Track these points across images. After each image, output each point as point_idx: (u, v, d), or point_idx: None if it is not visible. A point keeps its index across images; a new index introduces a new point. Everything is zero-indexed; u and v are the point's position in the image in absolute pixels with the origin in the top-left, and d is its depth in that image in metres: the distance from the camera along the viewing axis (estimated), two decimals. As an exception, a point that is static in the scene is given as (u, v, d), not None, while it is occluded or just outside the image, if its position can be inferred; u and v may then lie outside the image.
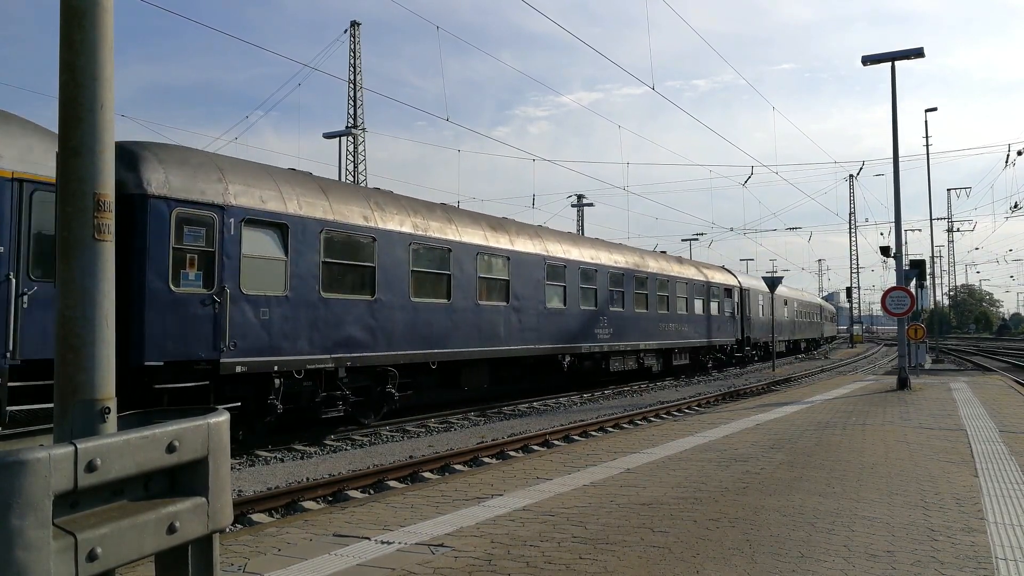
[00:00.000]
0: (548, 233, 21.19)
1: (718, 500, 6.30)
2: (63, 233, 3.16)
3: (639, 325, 24.68)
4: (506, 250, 17.89)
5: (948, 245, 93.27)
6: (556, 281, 19.97)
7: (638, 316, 24.65)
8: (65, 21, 3.18)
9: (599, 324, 22.03)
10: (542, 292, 19.15)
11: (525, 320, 18.35)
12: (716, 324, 31.63)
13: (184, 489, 3.16)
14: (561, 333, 19.96)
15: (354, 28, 42.67)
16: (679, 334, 27.80)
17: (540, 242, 19.71)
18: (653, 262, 26.75)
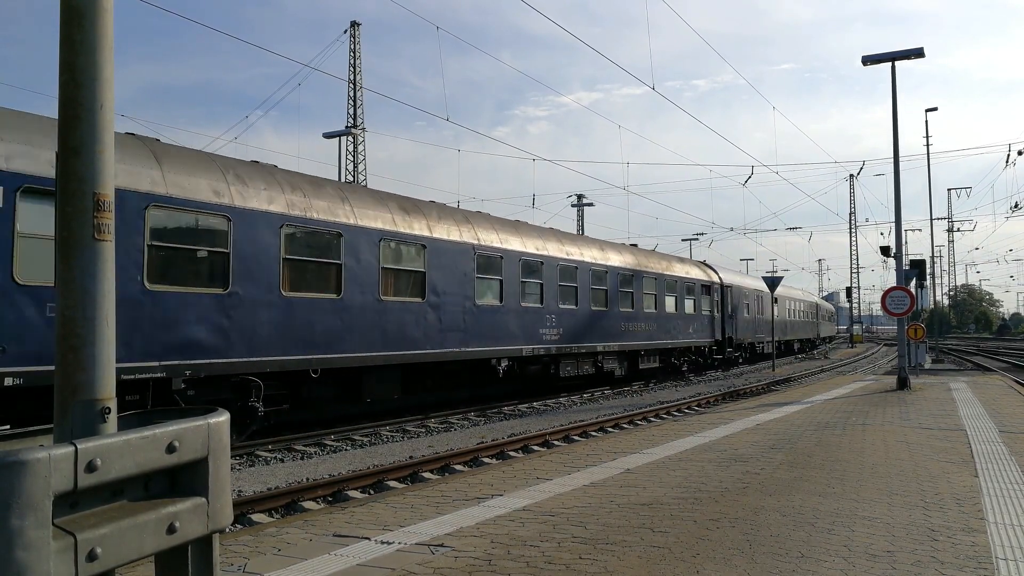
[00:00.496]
0: (481, 220, 18.40)
1: (718, 500, 6.30)
2: (63, 233, 3.15)
3: (597, 325, 22.01)
4: (421, 237, 15.30)
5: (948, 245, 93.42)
6: (490, 274, 17.35)
7: (596, 315, 21.95)
8: (65, 21, 3.18)
9: (546, 323, 19.39)
10: (471, 287, 16.55)
11: (448, 319, 15.86)
12: (691, 323, 28.92)
13: (184, 489, 3.16)
14: (496, 334, 17.38)
15: (354, 28, 42.69)
16: (646, 334, 25.04)
17: (470, 229, 17.06)
18: (615, 255, 23.90)
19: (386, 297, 14.36)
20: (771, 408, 14.14)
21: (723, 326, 32.31)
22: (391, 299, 14.51)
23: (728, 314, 32.97)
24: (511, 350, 18.02)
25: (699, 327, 29.86)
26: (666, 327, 26.74)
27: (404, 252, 15.10)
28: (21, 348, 8.98)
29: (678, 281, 28.04)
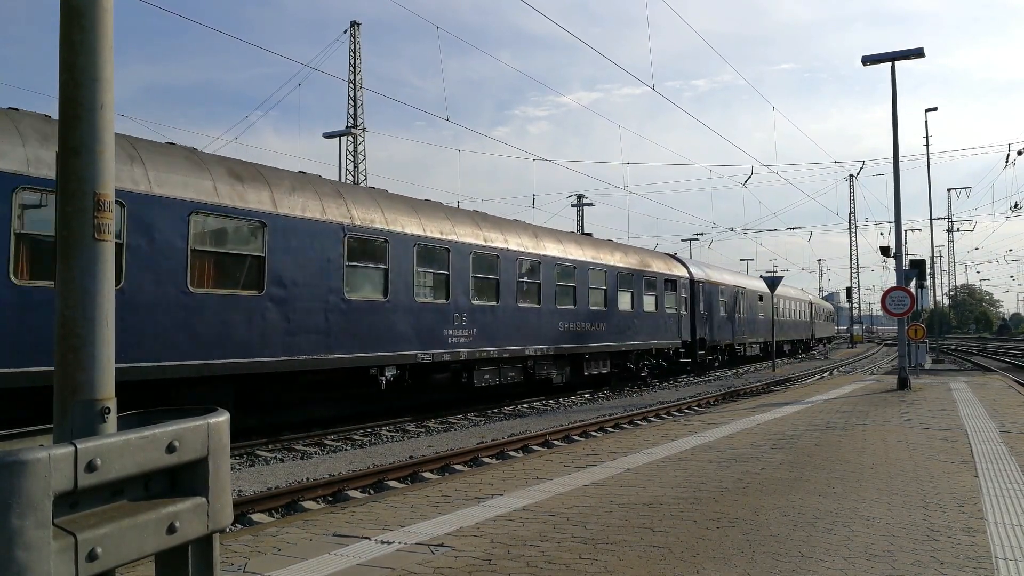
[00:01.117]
0: (358, 195, 14.86)
1: (718, 500, 6.30)
2: (63, 233, 3.15)
3: (527, 324, 18.54)
4: (259, 212, 12.00)
5: (948, 245, 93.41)
6: (368, 262, 14.16)
7: (524, 312, 18.49)
8: (65, 21, 3.18)
9: (453, 323, 16.04)
10: (338, 277, 13.32)
11: (300, 318, 12.52)
12: (652, 323, 25.45)
13: (184, 489, 3.16)
14: (378, 336, 14.10)
15: (354, 28, 42.70)
16: (594, 335, 21.72)
17: (339, 205, 13.67)
18: (553, 244, 20.47)
19: (198, 289, 11.12)
20: (771, 408, 14.14)
21: (693, 326, 28.95)
22: (207, 291, 11.23)
23: (700, 313, 29.72)
24: (400, 356, 14.65)
25: (662, 327, 26.30)
26: (620, 327, 23.24)
27: (231, 231, 11.83)
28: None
29: (635, 275, 24.40)
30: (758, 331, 38.49)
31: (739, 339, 34.97)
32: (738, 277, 37.86)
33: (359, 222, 13.94)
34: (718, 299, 32.09)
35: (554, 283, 19.97)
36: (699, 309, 29.67)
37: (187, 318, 10.97)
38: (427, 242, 15.52)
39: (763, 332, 39.12)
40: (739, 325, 35.00)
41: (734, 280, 35.52)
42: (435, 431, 14.88)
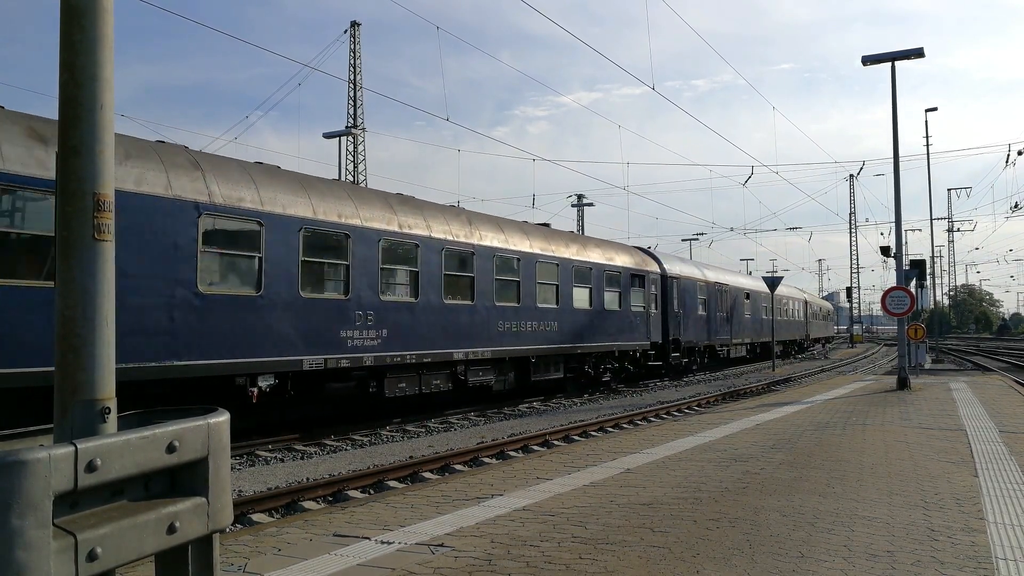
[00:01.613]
0: (225, 168, 12.12)
1: (718, 500, 6.30)
2: (63, 233, 3.15)
3: (455, 324, 16.08)
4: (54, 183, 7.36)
5: (948, 245, 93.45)
6: (233, 250, 11.88)
7: (452, 310, 16.03)
8: (65, 21, 3.18)
9: (353, 322, 13.61)
10: (190, 268, 10.97)
11: (132, 317, 10.04)
12: (615, 322, 22.77)
13: (184, 489, 3.16)
14: (247, 338, 11.73)
15: (354, 28, 42.73)
16: (542, 336, 19.17)
17: (196, 179, 11.23)
18: (492, 233, 17.84)
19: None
20: (771, 408, 14.14)
21: (665, 326, 26.31)
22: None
23: (674, 311, 27.06)
24: (278, 362, 12.23)
25: (628, 327, 23.60)
26: (576, 327, 20.74)
27: (19, 206, 9.45)
28: None
29: (593, 269, 21.71)
30: (744, 331, 36.09)
31: (721, 340, 32.46)
32: (720, 273, 34.75)
33: (221, 200, 11.45)
34: (696, 297, 29.58)
35: (492, 277, 17.43)
36: (672, 307, 27.02)
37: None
38: (318, 226, 13.04)
39: (751, 332, 36.93)
40: (720, 325, 32.46)
41: (715, 276, 32.82)
42: (435, 431, 14.88)
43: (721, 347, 32.95)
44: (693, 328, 29.13)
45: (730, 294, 34.13)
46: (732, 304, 34.33)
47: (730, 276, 36.55)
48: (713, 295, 31.61)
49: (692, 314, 29.08)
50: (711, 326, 31.33)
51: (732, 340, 34.04)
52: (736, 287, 35.47)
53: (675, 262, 29.21)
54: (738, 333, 35.25)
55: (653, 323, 25.59)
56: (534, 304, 19.02)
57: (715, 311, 31.85)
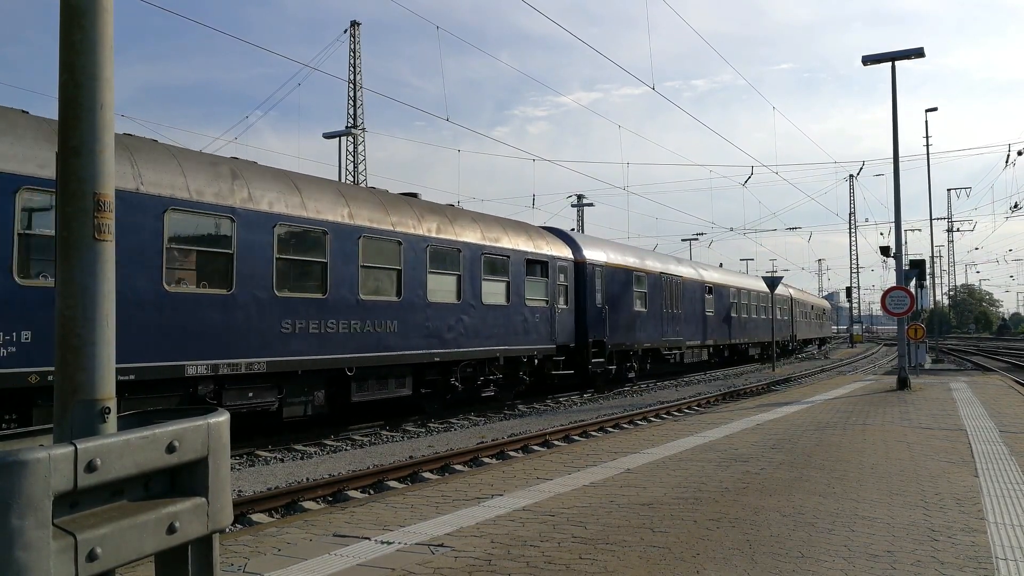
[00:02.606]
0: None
1: (718, 500, 6.30)
2: (63, 233, 3.15)
3: (196, 323, 11.01)
4: None
5: (948, 245, 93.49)
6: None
7: (189, 304, 10.96)
8: (65, 21, 3.18)
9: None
10: None
11: None
12: (502, 320, 17.57)
13: (184, 489, 3.16)
14: None
15: (354, 28, 42.72)
16: (373, 339, 14.05)
17: None
18: (270, 192, 12.40)
19: None
20: (771, 408, 14.14)
21: (581, 325, 20.99)
22: None
23: (595, 307, 21.71)
24: None
25: (519, 326, 18.26)
26: (432, 327, 15.43)
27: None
28: None
29: (464, 251, 16.43)
30: (706, 331, 30.95)
31: (670, 341, 26.86)
32: (666, 262, 28.64)
33: None
34: (631, 289, 24.21)
35: (271, 256, 12.12)
36: (593, 301, 21.68)
37: None
38: None
39: (716, 332, 32.14)
40: (669, 324, 26.98)
41: (661, 265, 27.24)
42: (435, 431, 14.88)
43: (670, 350, 27.22)
44: (626, 328, 23.54)
45: (684, 287, 28.80)
46: (687, 299, 29.10)
47: (687, 267, 30.76)
48: (658, 288, 26.26)
49: (625, 310, 23.63)
50: (656, 325, 25.84)
51: (687, 342, 28.78)
52: (694, 280, 30.24)
53: (599, 246, 23.49)
54: (696, 333, 29.93)
55: (561, 321, 20.04)
56: (355, 296, 13.69)
57: (661, 307, 26.42)
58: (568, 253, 21.19)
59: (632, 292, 24.43)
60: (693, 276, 30.55)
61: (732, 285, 34.96)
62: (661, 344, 26.39)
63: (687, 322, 28.98)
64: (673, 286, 27.77)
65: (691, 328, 29.48)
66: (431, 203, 17.27)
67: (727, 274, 37.24)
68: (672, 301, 27.52)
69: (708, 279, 32.03)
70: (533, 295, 19.25)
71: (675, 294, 27.88)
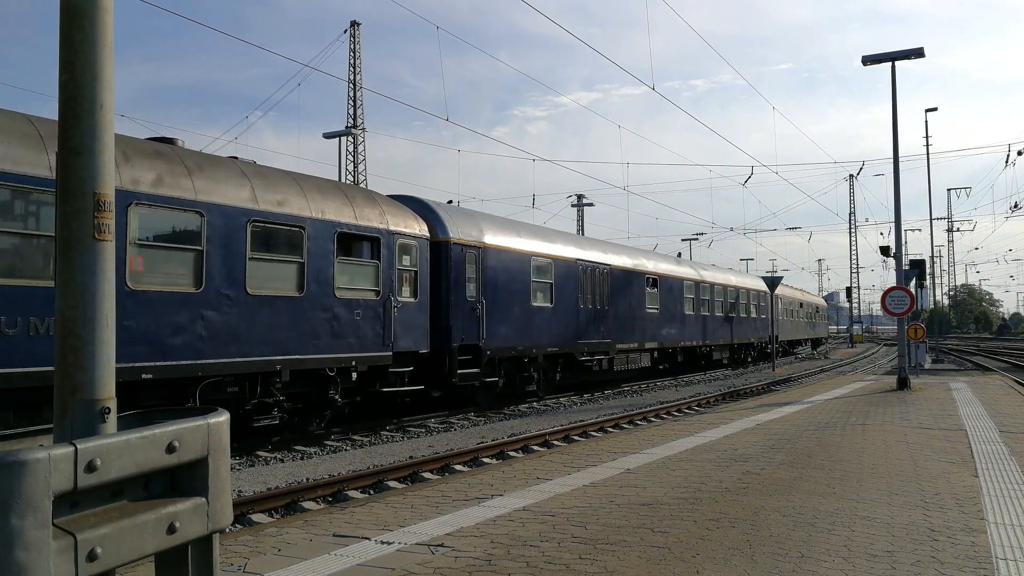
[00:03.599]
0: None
1: (718, 500, 6.30)
2: (63, 233, 3.15)
3: None
4: None
5: (948, 245, 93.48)
6: None
7: None
8: (65, 21, 3.18)
9: None
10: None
11: None
12: (288, 318, 12.44)
13: (184, 489, 3.16)
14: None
15: (354, 28, 42.74)
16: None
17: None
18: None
19: None
20: (771, 408, 14.14)
21: (442, 325, 15.83)
22: None
23: (466, 300, 16.54)
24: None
25: (327, 327, 13.11)
26: (142, 326, 10.31)
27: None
28: None
29: (211, 218, 11.21)
30: (645, 332, 25.17)
31: (591, 344, 21.53)
32: (589, 247, 22.75)
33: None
34: (527, 279, 18.93)
35: None
36: (461, 294, 16.44)
37: None
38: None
39: (662, 334, 26.55)
40: (589, 323, 21.53)
41: (575, 251, 21.47)
42: (435, 431, 14.87)
43: (591, 356, 21.71)
44: (519, 328, 18.38)
45: (614, 278, 23.13)
46: (620, 293, 23.58)
47: (615, 255, 24.28)
48: (573, 279, 20.82)
49: (517, 306, 18.35)
50: (568, 324, 20.50)
51: (619, 344, 23.18)
52: (628, 270, 24.40)
53: (475, 223, 17.70)
54: (630, 335, 24.15)
55: (404, 320, 14.70)
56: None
57: (578, 303, 21.01)
58: (420, 228, 15.53)
59: (530, 283, 18.99)
60: (627, 265, 24.49)
61: (687, 277, 29.43)
62: (576, 348, 20.84)
63: (618, 321, 23.34)
64: (597, 277, 22.13)
65: (624, 328, 23.74)
66: (153, 143, 11.52)
67: (681, 265, 30.96)
68: (595, 295, 21.98)
69: (651, 269, 26.13)
70: (352, 284, 13.81)
71: (600, 287, 22.28)
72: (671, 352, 28.34)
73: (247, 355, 11.77)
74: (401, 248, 14.96)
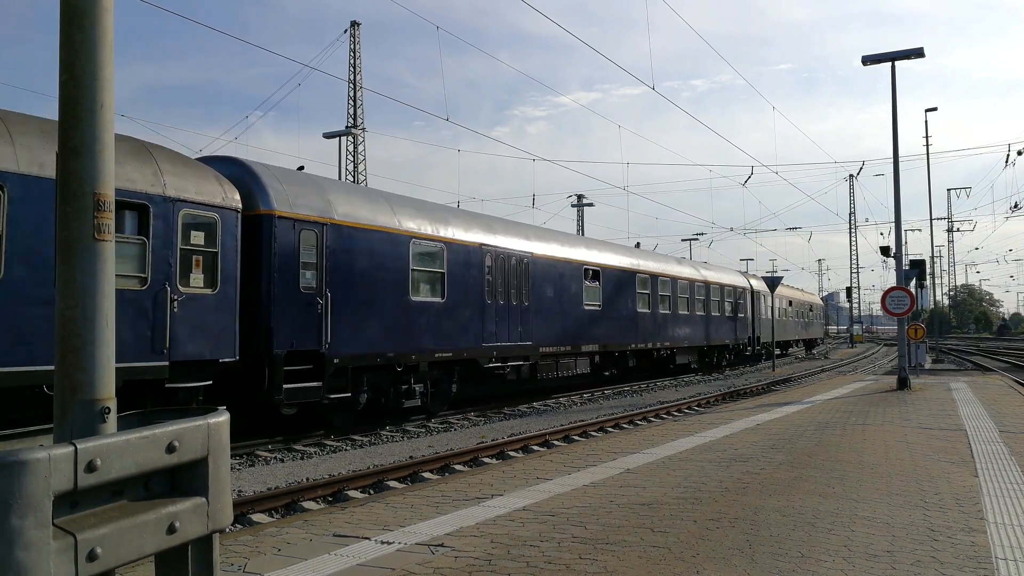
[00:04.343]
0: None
1: (718, 500, 6.30)
2: (63, 233, 3.15)
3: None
4: None
5: (948, 245, 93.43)
6: None
7: None
8: (65, 21, 3.18)
9: None
10: None
11: None
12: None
13: (184, 489, 3.16)
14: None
15: (354, 28, 42.72)
16: None
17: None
18: None
19: None
20: (771, 408, 14.14)
21: (260, 325, 12.25)
22: None
23: (303, 295, 12.84)
24: None
25: (29, 327, 9.11)
26: None
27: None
28: None
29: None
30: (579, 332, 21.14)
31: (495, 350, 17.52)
32: (488, 231, 18.12)
33: None
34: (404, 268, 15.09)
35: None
36: (289, 285, 12.65)
37: None
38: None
39: (606, 334, 22.46)
40: (498, 321, 17.71)
41: (482, 236, 17.59)
42: (435, 431, 14.88)
43: (504, 361, 17.97)
44: (389, 327, 14.51)
45: (536, 269, 19.32)
46: (545, 287, 19.74)
47: (540, 241, 20.19)
48: (474, 268, 16.97)
49: (386, 300, 14.53)
50: (469, 323, 16.71)
51: (543, 348, 19.51)
52: (557, 260, 20.34)
53: (318, 192, 13.72)
54: (561, 336, 20.31)
55: (188, 318, 11.05)
56: None
57: (482, 297, 17.17)
58: (224, 196, 11.75)
59: (408, 272, 15.05)
60: (555, 254, 20.30)
61: (641, 270, 25.02)
62: (481, 353, 17.07)
63: (544, 319, 19.49)
64: (512, 267, 18.38)
65: (552, 328, 19.90)
66: None
67: (634, 256, 25.93)
68: (509, 289, 18.24)
69: (590, 260, 22.10)
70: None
71: (517, 279, 18.57)
72: (619, 356, 23.88)
73: None
74: (188, 221, 11.18)
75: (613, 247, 25.95)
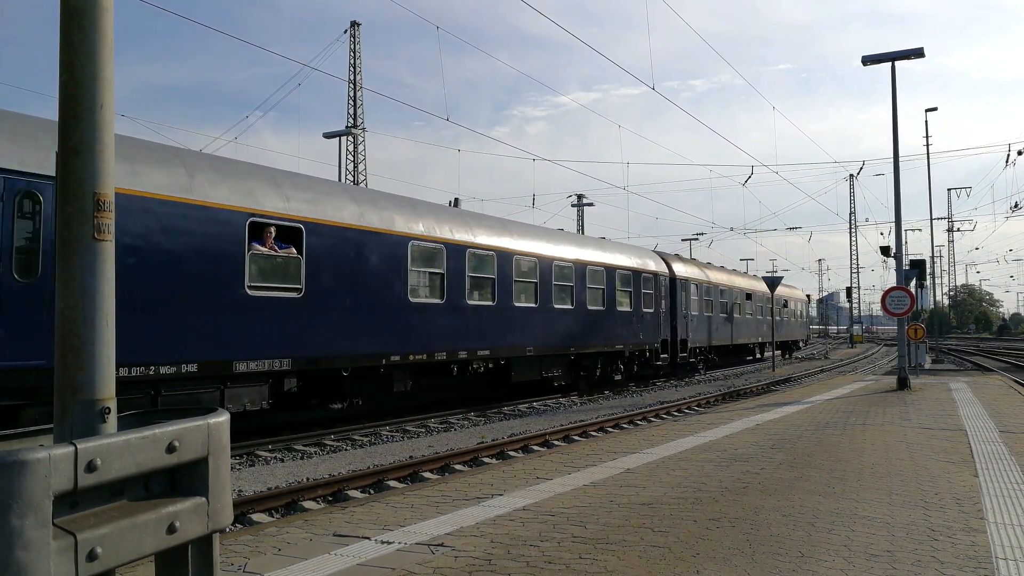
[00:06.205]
0: None
1: (718, 500, 6.30)
2: (63, 233, 3.15)
3: None
4: None
5: (948, 245, 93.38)
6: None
7: None
8: (65, 21, 3.18)
9: None
10: None
11: None
12: None
13: (184, 489, 3.16)
14: None
15: (354, 28, 42.72)
16: None
17: None
18: None
19: None
20: (771, 408, 14.14)
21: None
22: None
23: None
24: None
25: None
26: None
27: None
28: None
29: None
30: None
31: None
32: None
33: None
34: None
35: None
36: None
37: None
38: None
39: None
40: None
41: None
42: (435, 431, 14.88)
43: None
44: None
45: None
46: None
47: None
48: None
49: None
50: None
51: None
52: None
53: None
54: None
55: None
56: None
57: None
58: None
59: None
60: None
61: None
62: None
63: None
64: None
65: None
66: None
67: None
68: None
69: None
70: None
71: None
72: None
73: None
74: None
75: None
